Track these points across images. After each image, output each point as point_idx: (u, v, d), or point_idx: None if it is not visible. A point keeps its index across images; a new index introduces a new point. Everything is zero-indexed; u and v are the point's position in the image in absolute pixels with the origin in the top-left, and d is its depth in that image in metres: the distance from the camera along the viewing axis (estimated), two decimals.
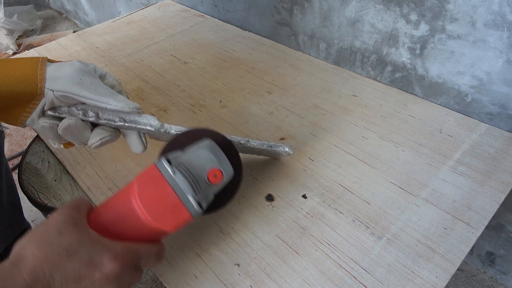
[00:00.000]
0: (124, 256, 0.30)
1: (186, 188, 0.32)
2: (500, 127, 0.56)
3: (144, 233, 0.33)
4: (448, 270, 0.39)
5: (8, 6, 2.16)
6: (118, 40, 0.88)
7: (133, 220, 0.32)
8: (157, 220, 0.31)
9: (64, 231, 0.29)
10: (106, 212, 0.33)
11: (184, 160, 0.34)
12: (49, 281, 0.26)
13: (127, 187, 0.33)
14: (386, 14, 0.61)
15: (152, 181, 0.32)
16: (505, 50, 0.51)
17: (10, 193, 0.71)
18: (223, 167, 0.35)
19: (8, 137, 1.42)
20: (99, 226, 0.31)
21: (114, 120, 0.41)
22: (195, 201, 0.32)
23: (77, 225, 0.30)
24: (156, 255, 0.34)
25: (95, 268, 0.28)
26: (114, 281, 0.29)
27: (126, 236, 0.32)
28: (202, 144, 0.37)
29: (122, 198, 0.33)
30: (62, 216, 0.30)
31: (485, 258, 0.82)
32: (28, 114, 0.38)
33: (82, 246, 0.29)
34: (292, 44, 0.81)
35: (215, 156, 0.35)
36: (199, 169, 0.34)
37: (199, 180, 0.34)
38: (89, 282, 0.28)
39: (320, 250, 0.42)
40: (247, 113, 0.63)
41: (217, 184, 0.35)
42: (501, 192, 0.47)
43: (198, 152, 0.35)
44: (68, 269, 0.27)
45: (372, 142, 0.55)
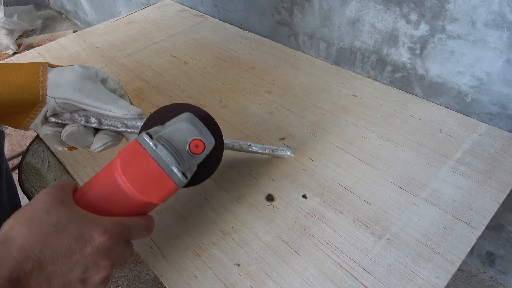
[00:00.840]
0: (113, 230, 0.30)
1: (169, 159, 0.33)
2: (500, 127, 0.56)
3: (131, 206, 0.33)
4: (448, 270, 0.39)
5: (8, 6, 2.16)
6: (118, 40, 0.88)
7: (119, 195, 0.32)
8: (142, 193, 0.32)
9: (51, 209, 0.29)
10: (91, 190, 0.33)
11: (164, 133, 0.35)
12: (39, 258, 0.27)
13: (109, 163, 0.34)
14: (386, 14, 0.61)
15: (134, 155, 0.33)
16: (505, 50, 0.51)
17: (10, 193, 0.70)
18: (204, 137, 0.36)
19: (8, 137, 1.42)
20: (86, 204, 0.32)
21: (117, 125, 0.41)
22: (179, 171, 0.33)
23: (64, 203, 0.30)
24: (145, 227, 0.34)
25: (86, 243, 0.29)
26: (105, 254, 0.30)
27: (114, 211, 0.32)
28: (181, 116, 0.37)
29: (106, 175, 0.33)
30: (48, 196, 0.30)
31: (485, 258, 0.82)
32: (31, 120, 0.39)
33: (71, 222, 0.29)
34: (292, 44, 0.81)
35: (195, 127, 0.36)
36: (181, 141, 0.35)
37: (181, 152, 0.34)
38: (80, 257, 0.28)
39: (320, 250, 0.42)
40: (247, 113, 0.63)
41: (199, 154, 0.36)
42: (501, 192, 0.47)
43: (178, 124, 0.36)
44: (58, 245, 0.28)
45: (372, 142, 0.55)
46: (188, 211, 0.48)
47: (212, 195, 0.49)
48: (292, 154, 0.51)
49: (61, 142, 0.41)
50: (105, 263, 0.30)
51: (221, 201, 0.48)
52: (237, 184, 0.50)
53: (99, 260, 0.29)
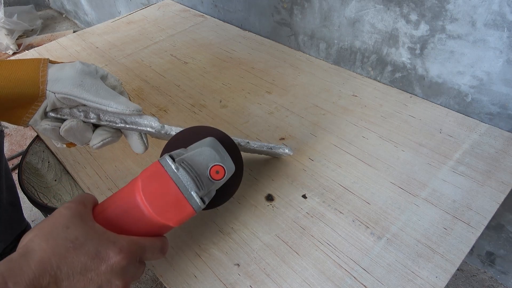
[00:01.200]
0: (129, 249, 0.31)
1: (189, 184, 0.33)
2: (500, 127, 0.56)
3: (148, 227, 0.33)
4: (448, 270, 0.39)
5: (8, 6, 2.16)
6: (118, 40, 0.88)
7: (137, 214, 0.33)
8: (160, 215, 0.32)
9: (70, 225, 0.29)
10: (111, 207, 0.33)
11: (186, 157, 0.35)
12: (56, 273, 0.27)
13: (131, 182, 0.34)
14: (386, 14, 0.61)
15: (155, 177, 0.33)
16: (505, 50, 0.51)
17: (10, 193, 0.71)
18: (225, 163, 0.36)
19: (8, 137, 1.42)
20: (104, 221, 0.32)
21: (115, 121, 0.41)
22: (198, 196, 0.33)
23: (83, 219, 0.31)
24: (160, 248, 0.34)
25: (101, 261, 0.29)
26: (120, 273, 0.30)
27: (131, 230, 0.33)
28: (204, 141, 0.38)
29: (127, 193, 0.33)
30: (68, 210, 0.31)
31: (485, 258, 0.82)
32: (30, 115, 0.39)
33: (89, 239, 0.29)
34: (292, 44, 0.81)
35: (217, 153, 0.36)
36: (202, 165, 0.35)
37: (202, 176, 0.35)
38: (95, 274, 0.29)
39: (320, 250, 0.42)
40: (247, 113, 0.63)
41: (219, 180, 0.36)
42: (501, 192, 0.47)
43: (200, 149, 0.36)
44: (74, 261, 0.28)
45: (372, 142, 0.55)
46: None
47: None
48: (290, 152, 0.51)
49: (59, 138, 0.41)
50: (119, 283, 0.30)
51: None
52: None
53: (113, 279, 0.30)
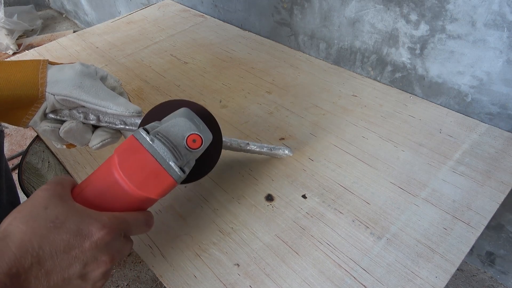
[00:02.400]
0: (112, 224, 0.30)
1: (166, 154, 0.33)
2: (500, 127, 0.56)
3: (129, 202, 0.33)
4: (448, 270, 0.39)
5: (8, 6, 2.16)
6: (118, 40, 0.88)
7: (117, 190, 0.32)
8: (140, 188, 0.32)
9: (49, 205, 0.29)
10: (89, 186, 0.33)
11: (161, 128, 0.35)
12: (38, 253, 0.27)
13: (107, 160, 0.34)
14: (386, 14, 0.61)
15: (131, 150, 0.33)
16: (505, 50, 0.51)
17: (9, 193, 0.71)
18: (201, 132, 0.36)
19: (8, 137, 1.42)
20: (84, 201, 0.32)
21: (115, 123, 0.41)
22: (176, 166, 0.33)
23: (62, 199, 0.30)
24: (144, 222, 0.34)
25: (84, 238, 0.29)
26: (104, 248, 0.30)
27: (112, 207, 0.32)
28: (178, 112, 0.37)
29: (104, 171, 0.33)
30: (46, 192, 0.30)
31: (485, 258, 0.82)
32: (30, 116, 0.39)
33: (69, 218, 0.29)
34: (292, 44, 0.81)
35: (192, 122, 0.36)
36: (178, 136, 0.35)
37: (179, 147, 0.34)
38: (80, 252, 0.28)
39: (320, 250, 0.42)
40: (247, 113, 0.63)
41: (197, 149, 0.36)
42: (501, 192, 0.47)
43: (174, 120, 0.36)
44: (56, 240, 0.28)
45: (372, 142, 0.55)
46: (188, 211, 0.48)
47: (212, 195, 0.49)
48: (290, 153, 0.51)
49: (59, 139, 0.41)
50: (105, 258, 0.30)
51: (221, 201, 0.48)
52: (237, 184, 0.50)
53: (98, 255, 0.29)
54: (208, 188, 0.50)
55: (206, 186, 0.50)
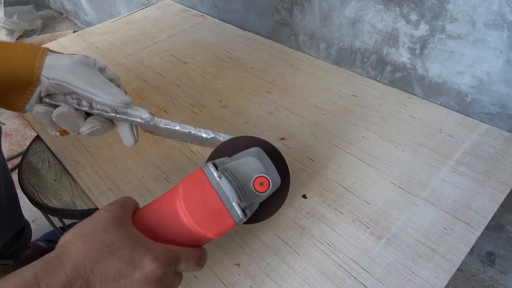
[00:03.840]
0: (165, 258, 0.30)
1: (231, 194, 0.32)
2: (500, 127, 0.56)
3: (185, 236, 0.32)
4: (448, 270, 0.39)
5: (8, 6, 2.16)
6: (118, 40, 0.88)
7: (176, 222, 0.32)
8: (199, 224, 0.31)
9: (108, 228, 0.29)
10: (150, 212, 0.33)
11: (230, 166, 0.34)
12: (89, 277, 0.26)
13: (172, 188, 0.33)
14: (386, 14, 0.61)
15: (197, 184, 0.32)
16: (505, 50, 0.51)
17: (7, 190, 0.70)
18: (270, 175, 0.35)
19: (8, 137, 1.42)
20: (143, 226, 0.31)
21: (106, 110, 0.41)
22: (239, 208, 0.32)
23: (122, 223, 0.30)
24: (197, 260, 0.33)
25: (136, 268, 0.28)
26: (154, 282, 0.29)
27: (168, 238, 0.32)
28: (249, 151, 0.36)
29: (167, 200, 0.33)
30: (108, 213, 0.30)
31: (485, 258, 0.82)
32: (26, 100, 0.39)
33: (124, 245, 0.29)
34: (292, 44, 0.81)
35: (262, 164, 0.35)
36: (245, 176, 0.34)
37: (245, 187, 0.33)
38: (129, 282, 0.28)
39: (320, 250, 0.42)
40: (247, 113, 0.63)
41: (263, 193, 0.34)
42: (501, 192, 0.47)
43: (245, 158, 0.35)
44: (108, 266, 0.27)
45: (372, 142, 0.55)
46: None
47: None
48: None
49: (52, 123, 0.41)
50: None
51: None
52: None
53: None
54: None
55: None
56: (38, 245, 0.89)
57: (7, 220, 0.72)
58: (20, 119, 1.49)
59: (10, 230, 0.74)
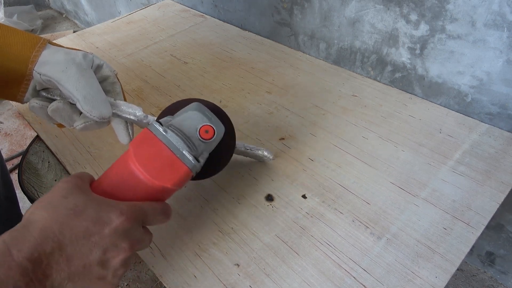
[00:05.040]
0: (130, 211, 0.31)
1: (179, 144, 0.34)
2: (500, 127, 0.56)
3: (146, 192, 0.34)
4: (447, 270, 0.39)
5: (8, 6, 2.16)
6: (118, 40, 0.88)
7: (133, 181, 0.33)
8: (156, 177, 0.33)
9: (69, 195, 0.30)
10: (107, 179, 0.34)
11: (174, 121, 0.36)
12: (59, 238, 0.27)
13: (123, 154, 0.35)
14: (386, 14, 0.61)
15: (146, 142, 0.34)
16: (505, 50, 0.51)
17: (6, 188, 0.70)
18: (214, 124, 0.37)
19: (8, 137, 1.42)
20: (102, 192, 0.33)
21: None
22: (190, 155, 0.34)
23: (82, 190, 0.31)
24: (162, 211, 0.35)
25: (104, 224, 0.29)
26: (124, 235, 0.30)
27: (130, 198, 0.33)
28: (190, 106, 0.38)
29: (121, 164, 0.34)
30: (66, 183, 0.31)
31: (485, 258, 0.82)
32: (23, 92, 0.40)
33: (88, 206, 0.30)
34: (292, 44, 0.81)
35: (204, 115, 0.37)
36: (191, 128, 0.36)
37: (192, 138, 0.35)
38: (99, 238, 0.29)
39: (320, 250, 0.42)
40: (247, 113, 0.63)
41: (209, 140, 0.36)
42: (501, 192, 0.47)
43: (187, 113, 0.37)
44: (76, 226, 0.28)
45: (372, 142, 0.55)
46: (188, 211, 0.48)
47: (212, 195, 0.49)
48: (270, 156, 0.50)
49: (48, 117, 0.42)
50: (124, 245, 0.30)
51: (221, 201, 0.48)
52: (237, 184, 0.50)
53: (118, 242, 0.30)
54: (208, 188, 0.50)
55: (206, 186, 0.50)
56: None
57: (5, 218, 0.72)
58: (20, 119, 1.49)
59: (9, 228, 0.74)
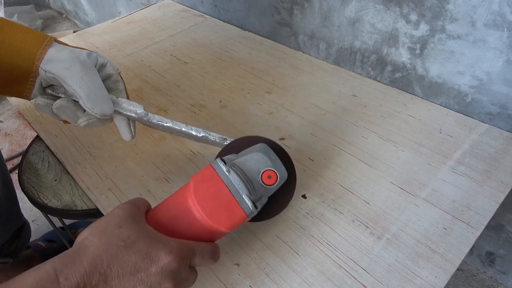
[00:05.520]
0: (180, 252, 0.30)
1: (240, 187, 0.33)
2: (500, 127, 0.56)
3: (198, 231, 0.33)
4: (447, 270, 0.39)
5: (8, 6, 2.16)
6: (118, 40, 0.88)
7: (188, 218, 0.33)
8: (211, 218, 0.32)
9: (123, 224, 0.30)
10: (163, 210, 0.34)
11: (238, 161, 0.35)
12: (106, 271, 0.27)
13: (183, 186, 0.34)
14: (386, 14, 0.61)
15: (207, 179, 0.33)
16: (505, 50, 0.51)
17: (5, 188, 0.70)
18: (277, 169, 0.36)
19: (8, 137, 1.42)
20: (156, 224, 0.32)
21: None
22: (249, 200, 0.33)
23: (136, 220, 0.31)
24: (211, 254, 0.34)
25: (152, 262, 0.29)
26: (169, 276, 0.30)
27: (181, 234, 0.33)
28: (255, 147, 0.37)
29: (179, 197, 0.34)
30: (122, 211, 0.31)
31: (485, 258, 0.82)
32: (30, 89, 0.40)
33: (140, 239, 0.29)
34: (292, 44, 0.81)
35: (268, 158, 0.36)
36: (253, 170, 0.35)
37: (253, 181, 0.34)
38: (145, 275, 0.28)
39: (320, 250, 0.42)
40: (247, 113, 0.63)
41: (271, 186, 0.36)
42: (501, 192, 0.47)
43: (251, 154, 0.36)
44: (125, 260, 0.28)
45: (372, 142, 0.55)
46: None
47: None
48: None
49: (53, 114, 0.42)
50: (168, 285, 0.29)
51: None
52: None
53: (163, 281, 0.29)
54: None
55: None
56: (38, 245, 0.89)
57: (5, 218, 0.72)
58: (20, 119, 1.49)
59: (9, 228, 0.74)
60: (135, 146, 0.58)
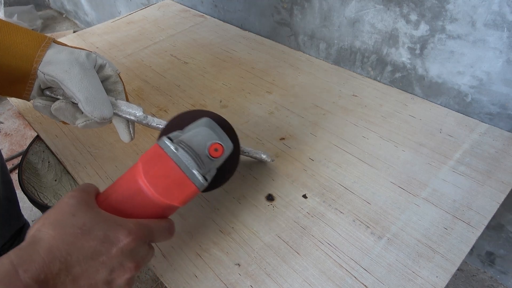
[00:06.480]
0: (138, 231, 0.31)
1: (189, 162, 0.34)
2: (500, 127, 0.57)
3: (153, 210, 0.34)
4: (448, 270, 0.39)
5: (8, 6, 2.16)
6: (118, 40, 0.88)
7: (141, 198, 0.33)
8: (164, 195, 0.33)
9: (76, 212, 0.30)
10: (114, 193, 0.34)
11: (184, 137, 0.36)
12: (66, 259, 0.27)
13: (132, 167, 0.34)
14: (386, 14, 0.61)
15: (156, 159, 0.33)
16: (505, 50, 0.51)
17: (6, 188, 0.70)
18: (223, 141, 0.37)
19: (8, 137, 1.42)
20: (109, 208, 0.32)
21: None
22: (199, 174, 0.34)
23: (89, 205, 0.31)
24: (167, 229, 0.35)
25: (111, 244, 0.29)
26: (130, 255, 0.30)
27: (136, 214, 0.33)
28: (200, 121, 0.38)
29: (128, 179, 0.34)
30: (73, 199, 0.31)
31: (485, 258, 0.82)
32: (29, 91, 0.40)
33: (96, 224, 0.29)
34: (292, 44, 0.81)
35: (214, 132, 0.37)
36: (200, 145, 0.36)
37: (201, 155, 0.35)
38: (107, 258, 0.29)
39: (321, 250, 0.42)
40: (247, 113, 0.63)
41: (218, 158, 0.36)
42: (501, 192, 0.47)
43: (197, 129, 0.37)
44: (84, 246, 0.28)
45: (372, 142, 0.55)
46: (188, 211, 0.48)
47: (213, 195, 0.49)
48: (268, 159, 0.51)
49: (52, 115, 0.42)
50: (130, 265, 0.30)
51: (222, 201, 0.48)
52: (238, 184, 0.50)
53: (124, 261, 0.30)
54: None
55: None
56: None
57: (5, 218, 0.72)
58: (20, 119, 1.49)
59: (9, 228, 0.74)
60: (136, 146, 0.58)
